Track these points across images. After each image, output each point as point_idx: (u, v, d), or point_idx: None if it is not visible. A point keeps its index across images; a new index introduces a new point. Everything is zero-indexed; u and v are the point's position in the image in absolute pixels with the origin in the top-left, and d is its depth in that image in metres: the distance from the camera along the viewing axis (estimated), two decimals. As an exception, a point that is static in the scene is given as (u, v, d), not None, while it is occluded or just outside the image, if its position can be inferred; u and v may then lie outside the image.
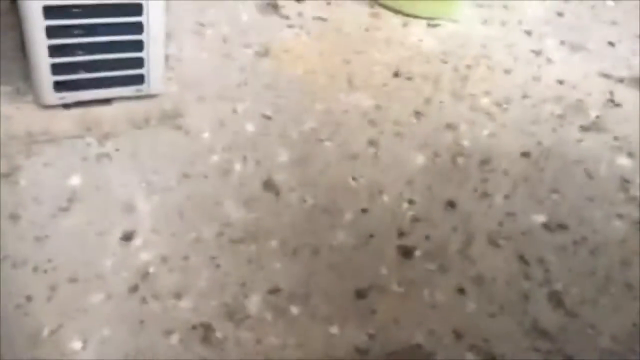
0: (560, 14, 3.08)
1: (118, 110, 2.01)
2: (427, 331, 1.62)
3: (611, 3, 3.26)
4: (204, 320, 1.57)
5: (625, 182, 2.15)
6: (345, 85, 2.43)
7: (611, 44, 2.92)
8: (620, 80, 2.66)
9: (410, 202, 1.99)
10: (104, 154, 1.93)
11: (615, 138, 2.33)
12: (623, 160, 2.24)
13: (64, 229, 1.70)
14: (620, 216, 2.02)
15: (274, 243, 1.79)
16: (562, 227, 1.97)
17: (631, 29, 3.05)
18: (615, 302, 1.75)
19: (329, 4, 2.81)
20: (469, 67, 2.62)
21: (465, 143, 2.24)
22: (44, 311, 1.53)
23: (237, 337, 1.55)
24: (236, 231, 1.81)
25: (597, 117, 2.43)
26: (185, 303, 1.60)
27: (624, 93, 2.57)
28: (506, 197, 2.05)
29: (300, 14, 2.69)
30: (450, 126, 2.31)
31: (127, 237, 1.73)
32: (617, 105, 2.50)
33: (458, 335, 1.62)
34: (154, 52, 1.89)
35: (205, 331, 1.55)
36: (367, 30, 2.69)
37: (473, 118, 2.36)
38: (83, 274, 1.62)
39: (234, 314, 1.60)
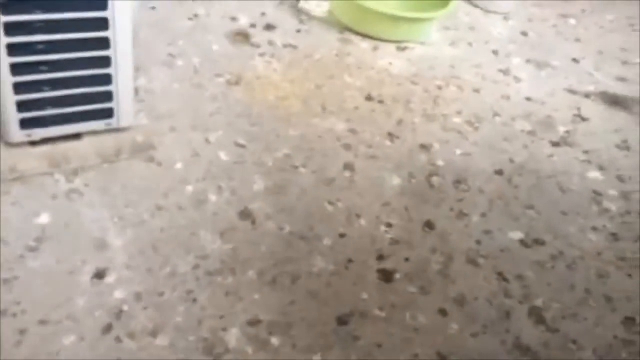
0: (524, 33, 3.16)
1: (87, 144, 1.97)
2: (411, 355, 1.59)
3: (573, 21, 3.35)
4: (182, 357, 1.52)
5: (597, 195, 2.18)
6: (318, 110, 2.44)
7: (575, 60, 3.00)
8: (586, 96, 2.72)
9: (388, 224, 1.98)
10: (73, 190, 1.89)
11: (585, 152, 2.38)
12: (594, 174, 2.28)
13: (32, 270, 1.65)
14: (594, 229, 2.04)
15: (251, 273, 1.76)
16: (539, 242, 1.98)
17: (593, 45, 3.13)
18: (595, 315, 1.75)
19: (298, 31, 2.83)
20: (439, 87, 2.66)
21: (440, 163, 2.26)
22: (13, 356, 1.47)
23: (217, 372, 1.51)
24: (212, 263, 1.77)
25: (566, 132, 2.48)
26: (161, 340, 1.56)
27: (590, 108, 2.63)
28: (482, 215, 2.06)
29: (270, 42, 2.71)
30: (423, 147, 2.32)
31: (100, 274, 1.68)
32: (585, 119, 2.55)
33: (442, 357, 1.60)
34: (122, 85, 1.87)
35: (184, 368, 1.50)
36: (337, 55, 2.72)
37: (446, 138, 2.38)
38: (54, 315, 1.57)
39: (213, 349, 1.56)
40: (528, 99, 2.65)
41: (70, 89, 1.80)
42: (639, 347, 1.67)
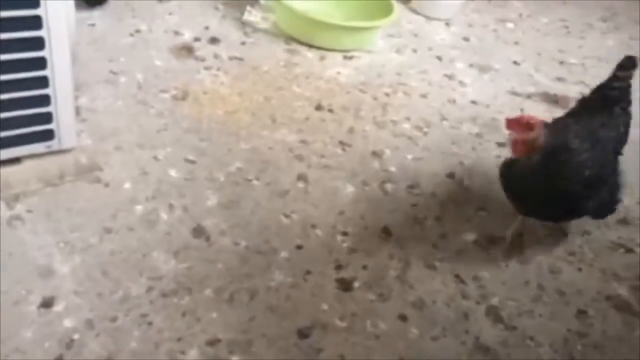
0: (466, 39, 3.24)
1: (28, 168, 1.89)
2: (374, 363, 1.59)
3: (511, 25, 3.47)
4: (139, 384, 1.47)
5: (544, 193, 2.24)
6: (268, 122, 2.42)
7: (516, 63, 3.09)
8: (528, 97, 2.81)
9: (345, 233, 1.98)
10: (15, 217, 1.80)
11: (531, 151, 2.44)
12: (540, 172, 2.34)
13: (-26, 304, 1.56)
14: (543, 225, 2.09)
15: (208, 292, 1.72)
16: (492, 241, 2.02)
17: (532, 48, 3.25)
18: (549, 310, 1.80)
19: (244, 43, 2.81)
20: (387, 95, 2.69)
21: (392, 169, 2.28)
22: (-45, 398, 1.38)
23: (177, 397, 1.46)
24: (167, 283, 1.72)
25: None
26: (117, 368, 1.49)
27: (532, 108, 2.71)
28: (437, 218, 2.09)
29: (216, 56, 2.67)
30: (375, 154, 2.34)
31: (47, 303, 1.60)
32: (528, 120, 2.63)
33: (405, 363, 1.60)
34: (62, 105, 1.80)
35: (141, 396, 1.44)
36: (285, 66, 2.71)
37: (396, 144, 2.41)
38: (2, 349, 1.48)
39: (172, 373, 1.51)
40: (473, 102, 2.71)
41: (7, 112, 1.72)
42: (592, 339, 1.72)
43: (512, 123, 1.71)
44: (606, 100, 1.94)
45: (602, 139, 1.81)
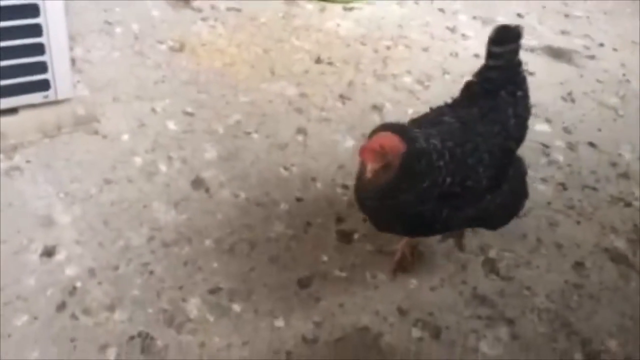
0: (470, -9, 3.17)
1: (26, 119, 1.87)
2: (373, 312, 1.61)
3: (516, -23, 3.38)
4: (142, 329, 1.49)
5: (545, 147, 2.23)
6: (267, 75, 2.38)
7: (520, 15, 3.03)
8: (531, 50, 2.76)
9: (345, 186, 1.97)
10: (14, 168, 1.79)
11: (533, 106, 2.42)
12: (541, 127, 2.33)
13: (-24, 252, 1.57)
14: (543, 180, 2.09)
15: (208, 242, 1.73)
16: (492, 195, 2.02)
17: (536, 0, 3.18)
18: (546, 262, 1.81)
19: (242, -6, 2.75)
20: (388, 48, 2.64)
21: (392, 123, 2.26)
22: (-39, 343, 1.40)
23: (179, 342, 1.48)
24: (168, 234, 1.73)
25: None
26: (119, 315, 1.51)
27: (535, 62, 2.67)
28: (436, 172, 2.08)
29: (213, 6, 2.62)
30: (375, 107, 2.32)
31: (49, 252, 1.61)
32: (531, 74, 2.59)
33: (403, 312, 1.62)
34: (57, 55, 1.77)
35: (144, 341, 1.47)
36: (283, 18, 2.66)
37: (397, 97, 2.38)
38: (3, 297, 1.49)
39: (174, 320, 1.52)
40: (476, 55, 2.66)
41: (0, 61, 1.69)
42: (588, 290, 1.74)
43: (367, 153, 1.33)
44: (486, 85, 1.57)
45: (472, 147, 1.47)
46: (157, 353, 1.45)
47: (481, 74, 1.60)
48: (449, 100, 1.66)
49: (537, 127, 2.32)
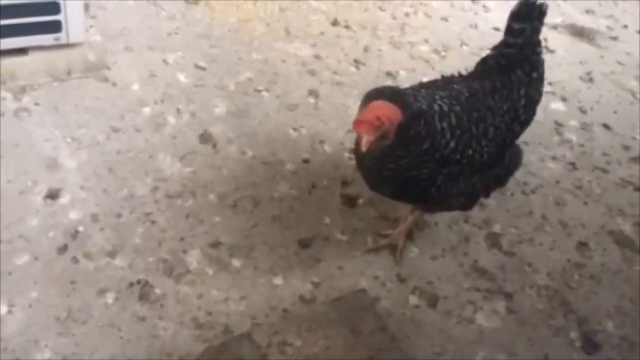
0: (495, -38, 3.08)
1: (35, 61, 1.85)
2: (372, 277, 1.61)
3: (544, -48, 3.28)
4: (141, 277, 1.50)
5: (559, 126, 2.20)
6: (282, 34, 2.34)
7: (545, -9, 2.95)
8: (554, 27, 2.69)
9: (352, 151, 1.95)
10: (22, 109, 1.78)
11: (550, 83, 2.37)
12: (556, 105, 2.29)
13: (-20, 189, 1.57)
14: (554, 158, 2.07)
15: (212, 196, 1.73)
16: (500, 170, 2.00)
17: (563, -23, 3.09)
18: (550, 240, 1.80)
19: (262, -51, 2.68)
20: (407, 15, 2.59)
21: (405, 91, 2.22)
22: (-37, 277, 1.41)
23: (177, 292, 1.49)
24: (172, 186, 1.73)
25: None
26: (119, 261, 1.52)
27: (557, 39, 2.61)
28: (446, 143, 2.06)
29: (232, -40, 2.56)
30: (389, 74, 2.28)
31: (53, 195, 1.62)
32: (551, 51, 2.54)
33: (401, 279, 1.62)
34: (71, -5, 1.74)
35: (143, 288, 1.48)
36: (302, -23, 2.60)
37: (412, 66, 2.34)
38: (5, 235, 1.50)
39: (173, 270, 1.53)
40: (496, 29, 2.60)
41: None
42: (590, 270, 1.73)
43: (362, 126, 1.28)
44: (502, 61, 1.52)
45: (479, 116, 1.44)
46: (155, 301, 1.46)
47: (498, 48, 1.55)
48: (464, 72, 1.62)
49: (553, 105, 2.28)
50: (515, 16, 1.48)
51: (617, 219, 1.88)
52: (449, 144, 1.39)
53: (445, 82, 1.54)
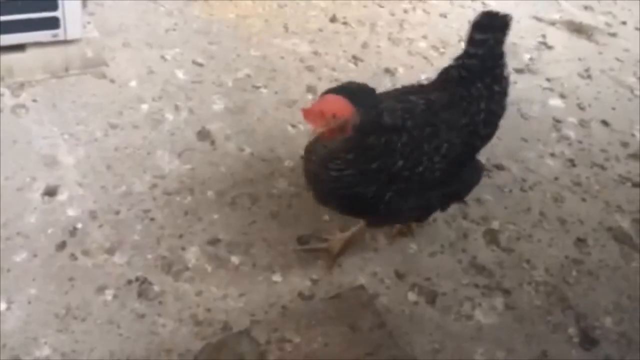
0: (494, -42, 3.08)
1: (33, 57, 1.84)
2: (370, 273, 1.61)
3: (543, -53, 3.28)
4: (140, 274, 1.50)
5: (557, 122, 2.20)
6: (280, 30, 2.34)
7: (544, -13, 2.95)
8: (552, 23, 2.69)
9: (350, 147, 1.95)
10: (19, 105, 1.78)
11: (548, 80, 2.38)
12: (555, 101, 2.29)
13: (-22, 186, 1.57)
14: (552, 155, 2.07)
15: (210, 193, 1.72)
16: (499, 167, 2.00)
17: (562, -27, 3.09)
18: (549, 236, 1.80)
19: (260, -55, 2.67)
20: (405, 11, 2.58)
21: (404, 87, 2.22)
22: (-39, 274, 1.41)
23: (176, 289, 1.49)
24: (170, 183, 1.72)
25: (531, 59, 2.47)
26: (118, 258, 1.52)
27: (555, 36, 2.61)
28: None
29: (230, -44, 2.55)
30: (388, 71, 2.28)
31: (51, 192, 1.61)
32: (550, 47, 2.54)
33: (400, 275, 1.62)
34: (68, -8, 1.74)
35: (142, 285, 1.48)
36: (301, -27, 2.59)
37: (411, 62, 2.34)
38: (3, 232, 1.50)
39: (172, 267, 1.53)
40: (494, 25, 2.60)
41: (11, -5, 1.66)
42: (588, 266, 1.73)
43: (310, 115, 1.23)
44: (462, 72, 1.46)
45: (432, 131, 1.38)
46: (154, 298, 1.46)
47: (461, 58, 1.48)
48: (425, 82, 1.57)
49: (551, 102, 2.28)
50: (477, 26, 1.44)
51: (616, 216, 1.88)
52: (398, 162, 1.33)
53: (402, 93, 1.48)
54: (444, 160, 1.39)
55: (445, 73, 1.52)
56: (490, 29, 1.43)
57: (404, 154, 1.33)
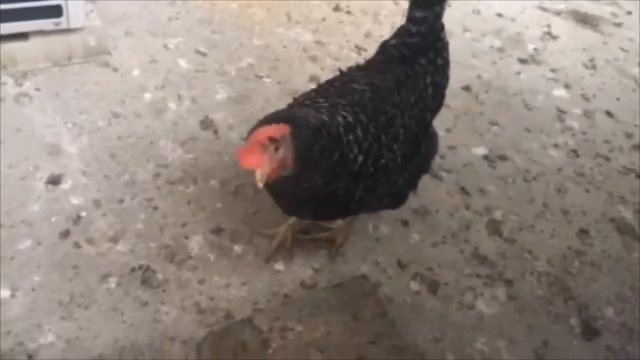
0: (499, -53, 3.05)
1: (36, 46, 1.84)
2: (373, 263, 1.62)
3: (548, -64, 3.25)
4: (143, 262, 1.50)
5: (561, 113, 2.19)
6: (283, 19, 2.33)
7: (549, -24, 2.92)
8: (558, 13, 2.68)
9: (353, 137, 1.95)
10: (23, 94, 1.78)
11: (552, 70, 2.37)
12: (559, 92, 2.28)
13: (-18, 175, 1.57)
14: (556, 146, 2.06)
15: (214, 182, 1.73)
16: (502, 158, 1.99)
17: (567, -37, 3.06)
18: (551, 227, 1.80)
19: None
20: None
21: (407, 77, 2.21)
22: (-35, 262, 1.42)
23: (179, 277, 1.49)
24: (174, 172, 1.73)
25: (535, 49, 2.45)
26: (122, 246, 1.53)
27: (560, 26, 2.60)
28: (448, 130, 2.05)
29: (233, -56, 2.54)
30: (391, 61, 2.27)
31: (54, 180, 1.62)
32: (554, 37, 2.52)
33: (402, 265, 1.62)
34: (71, -20, 1.73)
35: (145, 273, 1.48)
36: (304, -38, 2.58)
37: (414, 52, 2.32)
38: (7, 220, 1.51)
39: (175, 255, 1.54)
40: (499, 15, 2.59)
41: (13, -17, 1.66)
42: (590, 257, 1.73)
43: (248, 158, 1.19)
44: (405, 51, 1.43)
45: (387, 120, 1.36)
46: (157, 286, 1.47)
47: (400, 36, 1.44)
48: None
49: (555, 92, 2.27)
50: (416, 3, 1.40)
51: (619, 207, 1.88)
52: (358, 158, 1.30)
53: (344, 83, 1.43)
54: (403, 146, 1.38)
55: (383, 52, 1.48)
56: (429, 5, 1.39)
57: (362, 149, 1.30)
